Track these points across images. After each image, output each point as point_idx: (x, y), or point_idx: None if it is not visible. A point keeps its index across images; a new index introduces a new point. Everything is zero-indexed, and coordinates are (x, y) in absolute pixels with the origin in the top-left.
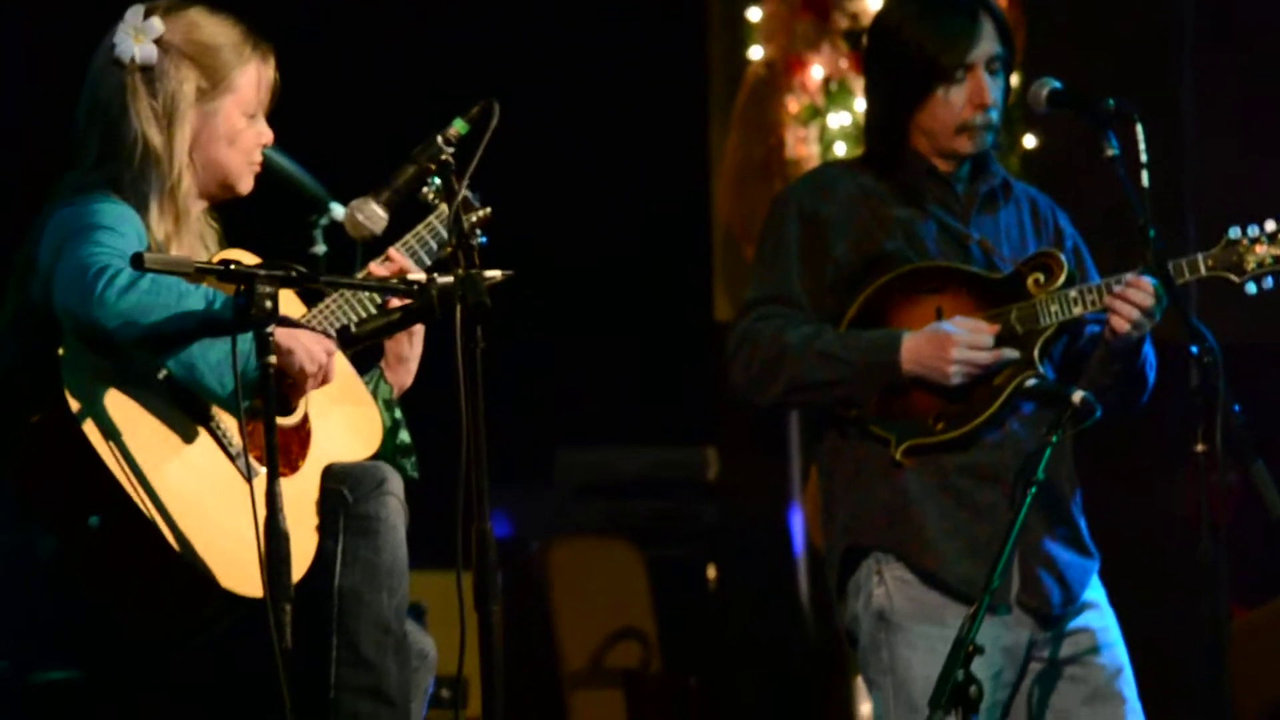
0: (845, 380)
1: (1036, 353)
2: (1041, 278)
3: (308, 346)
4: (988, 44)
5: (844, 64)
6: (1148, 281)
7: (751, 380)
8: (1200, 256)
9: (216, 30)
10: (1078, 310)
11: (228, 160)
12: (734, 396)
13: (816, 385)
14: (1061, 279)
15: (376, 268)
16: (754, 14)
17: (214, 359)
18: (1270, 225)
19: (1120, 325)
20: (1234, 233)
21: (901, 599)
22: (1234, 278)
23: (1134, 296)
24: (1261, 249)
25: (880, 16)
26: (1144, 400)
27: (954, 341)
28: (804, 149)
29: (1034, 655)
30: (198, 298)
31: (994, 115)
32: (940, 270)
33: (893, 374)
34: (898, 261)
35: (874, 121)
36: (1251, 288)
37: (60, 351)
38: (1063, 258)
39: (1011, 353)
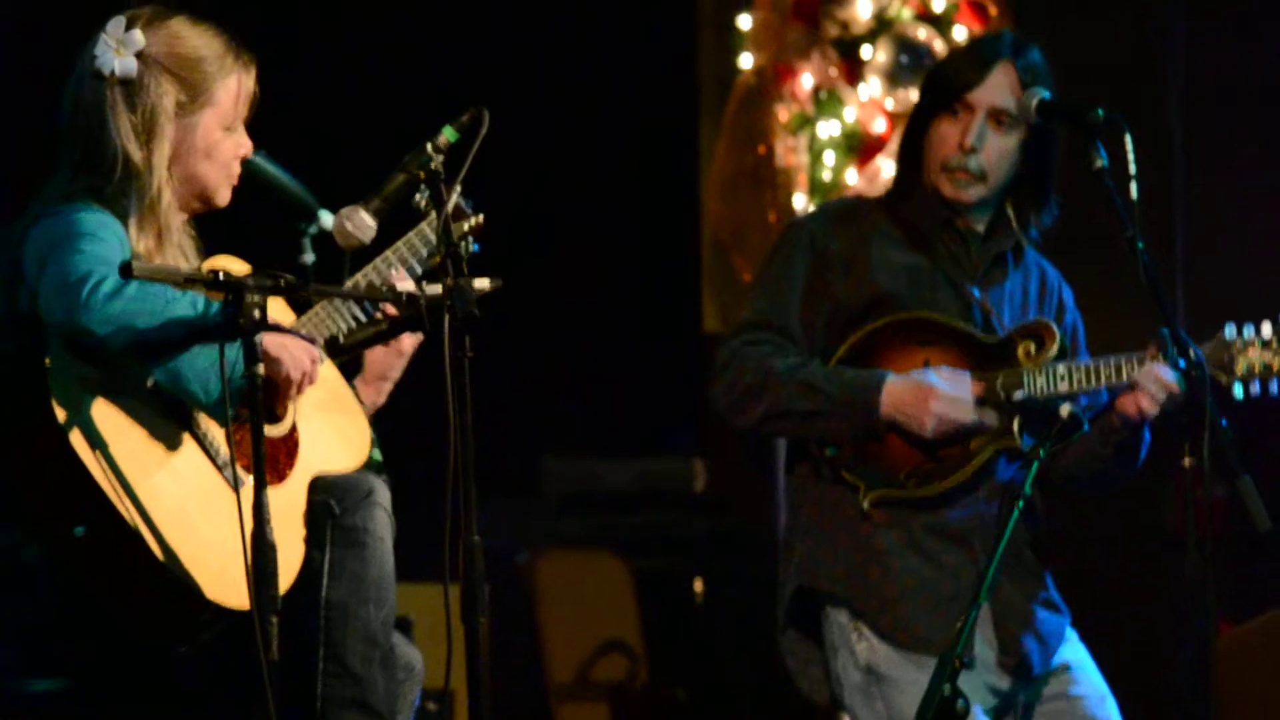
0: (823, 413)
1: (1016, 423)
2: (1033, 348)
3: (294, 353)
4: (996, 94)
5: (833, 73)
6: (1165, 375)
7: (733, 402)
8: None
9: (199, 42)
10: (1063, 387)
11: (205, 173)
12: (716, 415)
13: (795, 414)
14: (1053, 351)
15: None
16: (744, 22)
17: (200, 365)
18: (1266, 330)
19: (1146, 406)
20: (1229, 332)
21: (886, 650)
22: (1223, 377)
23: (1150, 389)
24: (1253, 353)
25: None
26: (1134, 473)
27: (936, 395)
28: (793, 158)
29: (1016, 703)
30: (185, 305)
31: (974, 164)
32: (935, 324)
33: (871, 414)
34: (897, 307)
35: (900, 146)
36: (1238, 390)
37: (47, 361)
38: (1056, 329)
39: (991, 417)
